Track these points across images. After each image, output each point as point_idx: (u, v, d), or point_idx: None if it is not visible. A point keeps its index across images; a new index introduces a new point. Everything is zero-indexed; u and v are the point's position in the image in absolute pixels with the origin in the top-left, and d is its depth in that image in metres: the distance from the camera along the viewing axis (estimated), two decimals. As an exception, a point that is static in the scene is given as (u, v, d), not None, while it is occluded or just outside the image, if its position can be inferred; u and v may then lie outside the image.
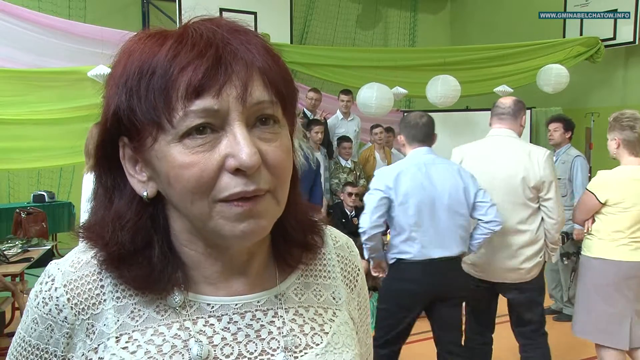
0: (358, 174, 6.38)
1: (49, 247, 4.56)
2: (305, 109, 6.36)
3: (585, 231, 3.18)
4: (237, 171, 0.59)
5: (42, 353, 0.67)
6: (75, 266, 0.68)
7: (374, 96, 6.55)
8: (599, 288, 3.03)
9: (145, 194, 0.65)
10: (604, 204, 3.03)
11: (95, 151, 0.67)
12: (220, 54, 0.60)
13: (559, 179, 4.07)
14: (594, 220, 3.11)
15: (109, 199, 0.68)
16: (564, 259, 4.62)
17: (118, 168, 0.67)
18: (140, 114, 0.60)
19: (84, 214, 3.36)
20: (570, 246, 4.60)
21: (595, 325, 3.07)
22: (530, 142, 8.38)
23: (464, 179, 2.82)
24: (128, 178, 0.66)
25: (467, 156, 2.99)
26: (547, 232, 2.96)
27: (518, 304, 3.05)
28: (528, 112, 8.31)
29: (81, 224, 0.70)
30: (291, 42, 7.76)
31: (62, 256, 0.71)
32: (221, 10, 6.48)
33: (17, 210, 5.83)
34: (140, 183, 0.65)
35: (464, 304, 3.10)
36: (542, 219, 2.95)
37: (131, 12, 8.06)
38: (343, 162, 6.24)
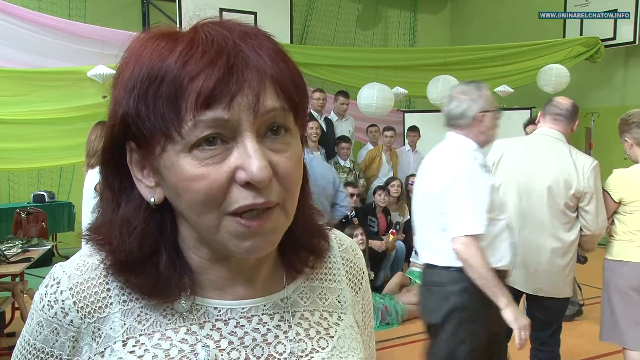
0: (357, 173, 6.39)
1: (49, 247, 4.56)
2: (311, 110, 6.36)
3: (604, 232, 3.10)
4: (247, 184, 0.58)
5: (47, 357, 0.67)
6: (81, 269, 0.67)
7: (375, 96, 6.55)
8: (620, 291, 2.98)
9: (152, 199, 0.64)
10: (619, 203, 3.00)
11: (102, 153, 0.66)
12: (232, 62, 0.58)
13: None
14: (612, 222, 3.06)
15: (116, 203, 0.67)
16: None
17: (125, 171, 0.66)
18: (148, 122, 0.59)
19: (85, 212, 3.35)
20: None
21: (619, 329, 3.01)
22: (530, 142, 8.42)
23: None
24: (135, 183, 0.65)
25: (509, 151, 2.82)
26: (583, 243, 2.81)
27: (543, 309, 2.84)
28: (527, 112, 8.36)
29: (87, 226, 0.69)
30: (291, 42, 7.77)
31: (62, 256, 0.71)
32: (221, 10, 6.49)
33: (17, 210, 5.83)
34: (148, 188, 0.64)
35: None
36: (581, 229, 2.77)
37: (131, 12, 8.06)
38: (342, 162, 6.25)
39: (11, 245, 4.18)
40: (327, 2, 9.49)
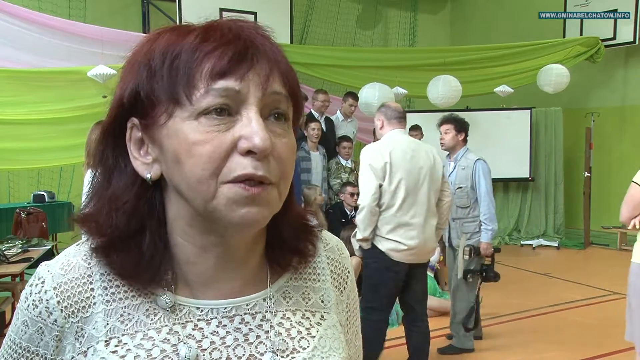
0: (358, 173, 6.39)
1: (49, 247, 4.55)
2: (312, 110, 6.37)
3: (630, 228, 2.96)
4: (248, 154, 0.60)
5: (32, 355, 0.67)
6: (65, 269, 0.68)
7: (376, 95, 6.55)
8: None
9: (149, 176, 0.65)
10: None
11: (104, 131, 0.67)
12: (248, 45, 0.62)
13: (460, 187, 4.02)
14: None
15: (107, 180, 0.68)
16: (469, 276, 3.98)
17: (121, 149, 0.67)
18: (158, 90, 0.62)
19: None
20: (476, 262, 4.04)
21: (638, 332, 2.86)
22: (530, 142, 8.42)
23: None
24: (132, 160, 0.66)
25: (393, 153, 3.24)
26: (443, 213, 3.42)
27: (420, 279, 3.40)
28: (528, 112, 8.37)
29: (80, 210, 0.70)
30: (291, 42, 7.76)
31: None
32: (221, 10, 6.49)
33: (17, 210, 5.82)
34: (145, 165, 0.66)
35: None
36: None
37: (131, 12, 8.06)
38: (344, 162, 6.25)
39: (11, 245, 4.18)
40: (327, 2, 9.49)
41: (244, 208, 0.61)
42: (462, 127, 4.15)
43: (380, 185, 3.21)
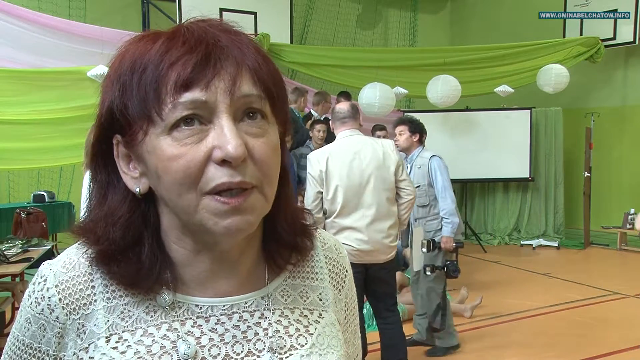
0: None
1: (49, 247, 4.55)
2: (312, 111, 6.39)
3: None
4: (223, 162, 0.60)
5: (35, 352, 0.69)
6: (67, 267, 0.69)
7: (377, 95, 6.55)
8: None
9: (138, 190, 0.66)
10: None
11: (91, 149, 0.68)
12: (210, 50, 0.61)
13: (418, 186, 3.99)
14: None
15: (103, 196, 0.69)
16: (427, 269, 3.84)
17: (112, 165, 0.68)
18: (131, 108, 0.62)
19: (83, 210, 3.36)
20: (438, 258, 3.95)
21: None
22: (530, 142, 8.42)
23: None
24: (121, 175, 0.67)
25: (331, 158, 3.23)
26: (403, 213, 3.36)
27: (383, 280, 3.37)
28: (528, 112, 8.37)
29: (78, 222, 0.71)
30: (291, 42, 7.76)
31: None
32: (221, 10, 6.48)
33: (17, 210, 5.81)
34: (133, 179, 0.66)
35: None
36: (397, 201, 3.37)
37: (131, 12, 8.05)
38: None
39: (11, 245, 4.18)
40: (327, 2, 9.49)
41: (228, 219, 0.61)
42: (416, 128, 4.16)
43: (322, 192, 3.24)
